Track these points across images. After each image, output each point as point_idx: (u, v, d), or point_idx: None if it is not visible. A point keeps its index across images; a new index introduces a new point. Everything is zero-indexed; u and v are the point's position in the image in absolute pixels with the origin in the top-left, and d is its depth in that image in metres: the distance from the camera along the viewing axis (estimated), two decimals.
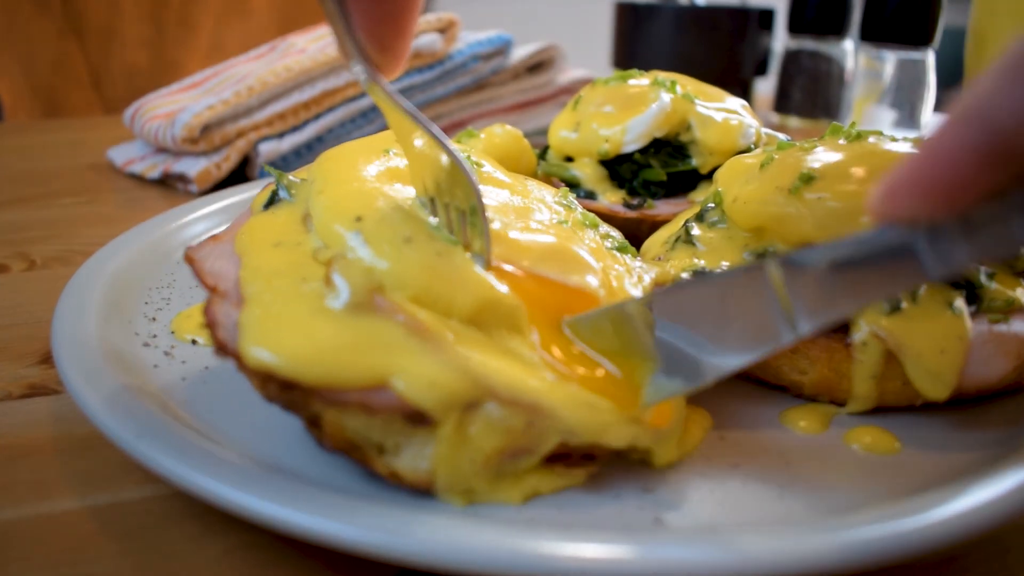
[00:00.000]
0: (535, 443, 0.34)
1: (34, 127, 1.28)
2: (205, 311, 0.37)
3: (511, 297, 0.38)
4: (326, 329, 0.34)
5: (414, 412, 0.32)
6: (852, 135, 0.49)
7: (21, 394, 0.47)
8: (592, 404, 0.36)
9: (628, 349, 0.38)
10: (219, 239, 0.43)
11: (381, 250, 0.37)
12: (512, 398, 0.34)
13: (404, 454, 0.34)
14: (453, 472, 0.34)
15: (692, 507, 0.36)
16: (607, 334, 0.38)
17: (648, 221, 0.65)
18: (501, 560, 0.29)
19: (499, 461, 0.34)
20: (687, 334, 0.36)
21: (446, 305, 0.36)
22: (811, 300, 0.32)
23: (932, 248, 0.30)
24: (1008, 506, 0.32)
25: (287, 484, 0.32)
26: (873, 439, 0.42)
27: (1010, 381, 0.43)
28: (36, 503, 0.37)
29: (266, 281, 0.37)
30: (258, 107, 0.91)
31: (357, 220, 0.38)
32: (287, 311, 0.35)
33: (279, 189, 0.45)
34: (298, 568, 0.33)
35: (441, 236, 0.39)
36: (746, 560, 0.29)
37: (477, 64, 1.03)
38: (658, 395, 0.37)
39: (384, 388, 0.33)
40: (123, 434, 0.35)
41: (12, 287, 0.63)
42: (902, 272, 0.31)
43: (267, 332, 0.34)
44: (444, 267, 0.37)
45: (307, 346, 0.33)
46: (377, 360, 0.33)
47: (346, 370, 0.33)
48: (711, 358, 0.35)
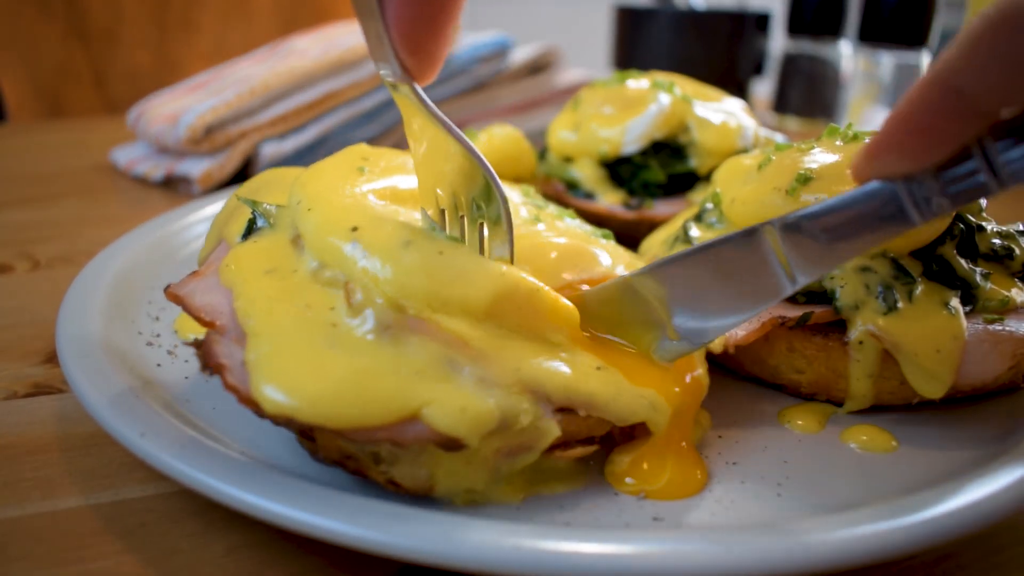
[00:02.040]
0: (534, 439, 0.34)
1: (38, 128, 1.28)
2: (204, 352, 0.35)
3: (527, 281, 0.36)
4: (345, 363, 0.32)
5: (448, 441, 0.31)
6: (849, 136, 0.49)
7: (26, 393, 0.47)
8: (637, 392, 0.37)
9: (635, 318, 0.40)
10: (201, 274, 0.41)
11: (382, 257, 0.36)
12: (568, 400, 0.35)
13: (401, 462, 0.34)
14: (452, 476, 0.34)
15: (690, 505, 0.36)
16: (614, 306, 0.40)
17: (647, 221, 0.65)
18: (502, 557, 0.29)
19: (497, 460, 0.34)
20: (690, 297, 0.39)
21: (460, 303, 0.35)
22: (807, 254, 0.35)
23: (912, 198, 0.33)
24: (1002, 504, 0.32)
25: (290, 482, 0.33)
26: (870, 438, 0.42)
27: (1005, 380, 0.44)
28: (40, 501, 0.37)
29: (266, 311, 0.35)
30: (261, 108, 0.91)
31: (353, 230, 0.37)
32: (297, 345, 0.33)
33: (256, 217, 0.43)
34: (300, 565, 0.34)
35: (442, 237, 0.38)
36: (744, 557, 0.29)
37: (477, 66, 1.04)
38: (668, 355, 0.39)
39: (414, 421, 0.31)
40: (127, 432, 0.35)
41: (16, 287, 0.64)
42: (889, 221, 0.34)
43: (280, 371, 0.32)
44: (448, 264, 0.36)
45: (327, 385, 0.31)
46: (403, 393, 0.32)
47: (372, 408, 0.31)
48: (715, 316, 0.38)
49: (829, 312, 0.44)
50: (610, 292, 0.40)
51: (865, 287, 0.43)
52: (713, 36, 1.18)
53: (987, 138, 0.32)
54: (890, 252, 0.44)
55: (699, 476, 0.38)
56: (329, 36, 1.05)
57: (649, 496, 0.37)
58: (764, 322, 0.44)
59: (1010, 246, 0.46)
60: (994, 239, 0.47)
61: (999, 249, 0.46)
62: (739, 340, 0.44)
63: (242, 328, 0.35)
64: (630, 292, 0.40)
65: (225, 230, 0.45)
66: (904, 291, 0.43)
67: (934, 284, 0.44)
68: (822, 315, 0.44)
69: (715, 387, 0.48)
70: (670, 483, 0.37)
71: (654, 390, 0.38)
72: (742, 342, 0.44)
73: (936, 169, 0.33)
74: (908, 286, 0.43)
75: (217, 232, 0.47)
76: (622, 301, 0.40)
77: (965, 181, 0.32)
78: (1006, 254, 0.46)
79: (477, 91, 1.06)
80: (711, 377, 0.49)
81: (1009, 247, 0.46)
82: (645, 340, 0.40)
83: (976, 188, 0.32)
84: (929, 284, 0.44)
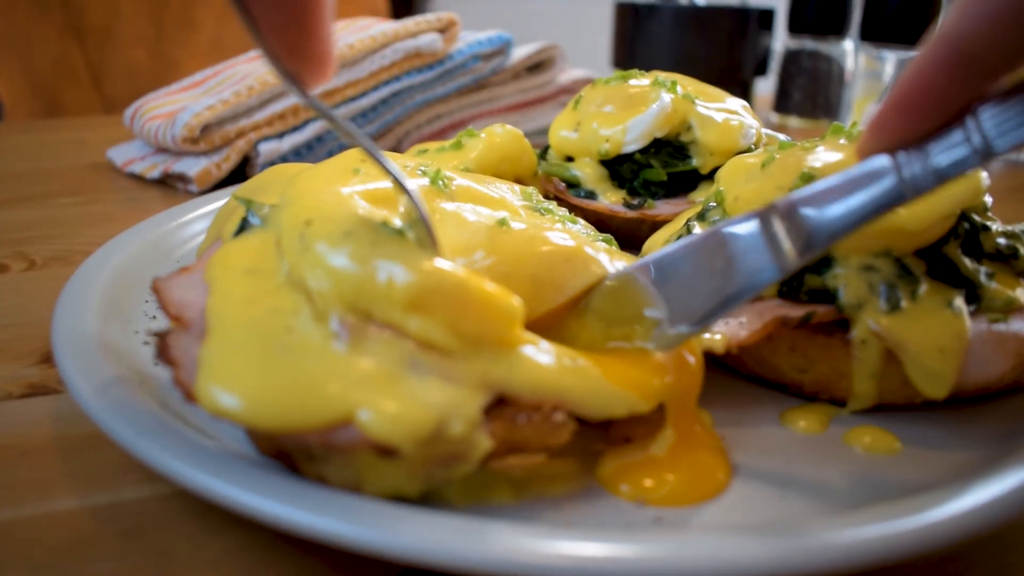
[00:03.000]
0: (466, 450, 0.33)
1: (34, 127, 1.28)
2: (161, 345, 0.35)
3: (454, 274, 0.35)
4: (287, 367, 0.32)
5: (380, 447, 0.31)
6: (853, 135, 0.49)
7: (21, 394, 0.47)
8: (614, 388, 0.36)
9: (634, 308, 0.40)
10: (189, 269, 0.41)
11: (321, 247, 0.35)
12: (537, 398, 0.34)
13: (332, 462, 0.33)
14: (381, 479, 0.33)
15: (691, 506, 0.36)
16: (616, 299, 0.40)
17: (648, 221, 0.65)
18: (502, 559, 0.29)
19: (428, 468, 0.33)
20: (686, 285, 0.39)
21: (385, 296, 0.34)
22: (803, 233, 0.36)
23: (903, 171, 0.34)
24: (1008, 506, 0.32)
25: (290, 483, 0.32)
26: (873, 439, 0.42)
27: (1009, 380, 0.43)
28: (36, 502, 0.37)
29: (231, 311, 0.35)
30: (258, 107, 0.91)
31: (307, 224, 0.37)
32: (248, 346, 0.33)
33: (249, 216, 0.43)
34: (299, 567, 0.33)
35: (386, 230, 0.37)
36: (746, 560, 0.29)
37: (477, 64, 1.03)
38: (666, 344, 0.39)
39: (348, 425, 0.31)
40: (124, 433, 0.35)
41: (12, 287, 0.63)
42: (881, 195, 0.35)
43: (223, 371, 0.33)
44: (378, 254, 0.35)
45: (263, 388, 0.32)
46: (338, 399, 0.31)
47: (305, 413, 0.31)
48: (714, 299, 0.38)
49: (832, 311, 0.44)
50: (606, 288, 0.41)
51: (868, 286, 0.43)
52: (716, 33, 1.17)
53: (983, 105, 0.32)
54: (893, 251, 0.44)
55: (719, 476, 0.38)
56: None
57: (652, 503, 0.36)
58: (766, 321, 0.44)
59: (1015, 246, 0.46)
60: (999, 238, 0.46)
61: (1004, 248, 0.46)
62: (741, 340, 0.43)
63: (206, 326, 0.35)
64: (624, 286, 0.40)
65: (222, 227, 0.45)
66: (908, 290, 0.43)
67: (938, 283, 0.43)
68: (825, 314, 0.44)
69: (717, 387, 0.47)
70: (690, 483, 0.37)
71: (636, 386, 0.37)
72: (744, 342, 0.43)
73: (930, 138, 0.33)
74: (912, 285, 0.43)
75: (216, 229, 0.47)
76: (616, 295, 0.40)
77: (955, 149, 0.33)
78: (1011, 254, 0.46)
79: (477, 89, 1.06)
80: (713, 377, 0.49)
81: (1014, 247, 0.46)
82: (640, 332, 0.40)
83: (964, 157, 0.32)
84: (933, 283, 0.43)
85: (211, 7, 1.47)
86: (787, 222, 0.36)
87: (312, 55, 0.35)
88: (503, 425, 0.34)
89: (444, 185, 0.46)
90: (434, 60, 1.00)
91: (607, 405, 0.36)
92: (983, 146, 0.32)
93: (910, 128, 0.34)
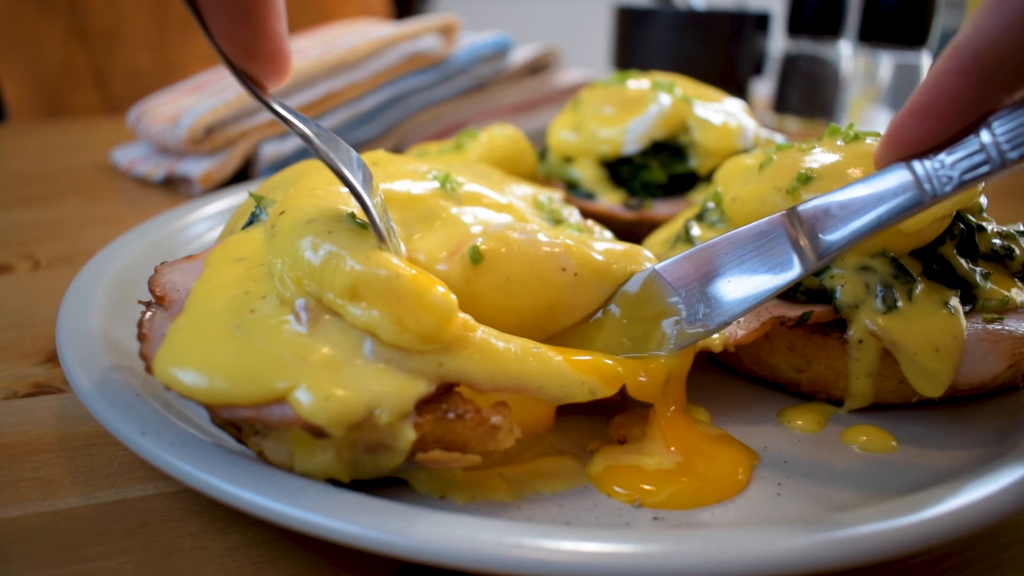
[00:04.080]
0: (391, 439, 0.33)
1: (39, 128, 1.28)
2: (139, 322, 0.37)
3: (392, 266, 0.35)
4: (236, 344, 0.34)
5: (309, 427, 0.32)
6: (850, 136, 0.49)
7: (26, 392, 0.47)
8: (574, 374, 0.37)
9: (653, 306, 0.41)
10: (194, 257, 0.43)
11: (284, 234, 0.36)
12: (494, 385, 0.35)
13: (270, 438, 0.34)
14: (309, 459, 0.34)
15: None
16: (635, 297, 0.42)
17: (647, 222, 0.65)
18: (503, 556, 0.29)
19: (354, 454, 0.34)
20: (704, 283, 0.40)
21: (330, 282, 0.35)
22: (822, 235, 0.37)
23: (922, 176, 0.35)
24: (1003, 503, 0.32)
25: (292, 481, 0.33)
26: (869, 438, 0.42)
27: (1004, 380, 0.44)
28: (41, 500, 0.37)
29: (207, 293, 0.37)
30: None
31: (280, 213, 0.38)
32: (209, 324, 0.35)
33: (258, 210, 0.44)
34: (302, 565, 0.34)
35: (350, 223, 0.37)
36: (743, 557, 0.29)
37: (478, 66, 1.04)
38: (684, 341, 0.40)
39: (282, 403, 0.32)
40: (127, 431, 0.35)
41: (17, 287, 0.64)
42: (901, 200, 0.35)
43: (179, 345, 0.34)
44: (332, 242, 0.35)
45: (209, 362, 0.33)
46: (274, 376, 0.32)
47: (241, 388, 0.32)
48: (730, 298, 0.39)
49: (829, 311, 0.44)
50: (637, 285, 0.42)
51: (865, 286, 0.43)
52: (713, 36, 1.18)
53: (997, 116, 0.33)
54: (890, 251, 0.44)
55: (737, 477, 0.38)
56: (329, 36, 1.05)
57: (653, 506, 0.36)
58: (764, 321, 0.44)
59: (1010, 246, 0.47)
60: (994, 239, 0.47)
61: (999, 249, 0.46)
62: (739, 339, 0.44)
63: (184, 306, 0.37)
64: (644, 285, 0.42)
65: (236, 222, 0.46)
66: (904, 290, 0.43)
67: (934, 283, 0.44)
68: (822, 314, 0.44)
69: (715, 386, 0.48)
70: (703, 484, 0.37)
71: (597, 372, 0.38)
72: (742, 341, 0.44)
73: (946, 146, 0.34)
74: (908, 285, 0.43)
75: (231, 224, 0.48)
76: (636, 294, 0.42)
77: (970, 158, 0.33)
78: (1006, 254, 0.46)
79: (477, 91, 1.06)
80: (710, 376, 0.49)
81: (1009, 247, 0.47)
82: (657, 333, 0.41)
83: (979, 166, 0.33)
84: (929, 283, 0.44)
85: None
86: (807, 222, 0.37)
87: (264, 54, 0.35)
88: (433, 420, 0.34)
89: (452, 189, 0.47)
90: (435, 62, 1.01)
91: (567, 389, 0.37)
92: (998, 155, 0.33)
93: (927, 136, 0.34)
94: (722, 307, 0.39)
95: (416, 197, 0.44)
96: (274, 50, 0.35)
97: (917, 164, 0.35)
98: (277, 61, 0.35)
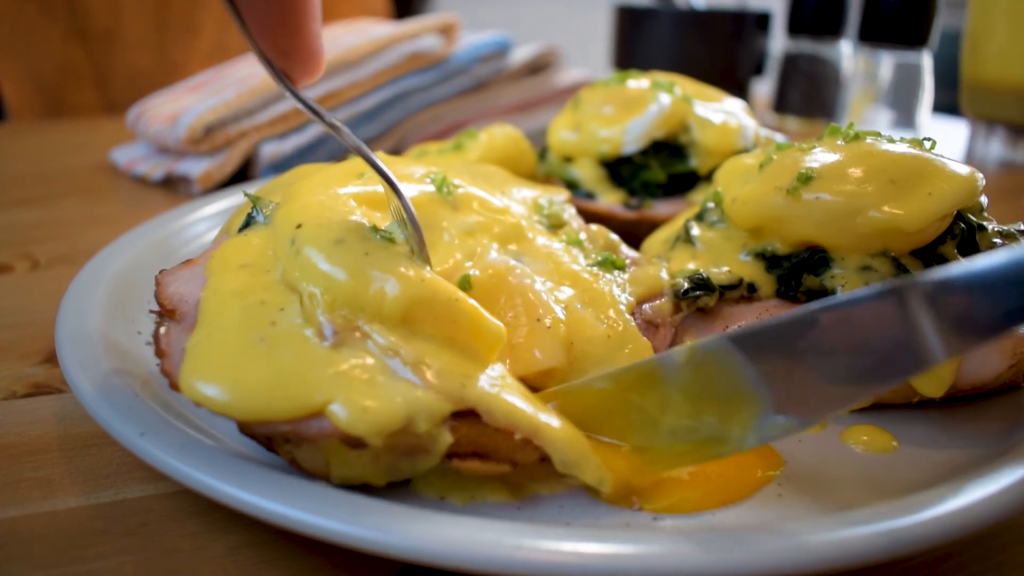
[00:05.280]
0: (429, 443, 0.34)
1: (38, 128, 1.28)
2: (154, 337, 0.37)
3: (447, 288, 0.35)
4: (265, 359, 0.33)
5: (349, 439, 0.32)
6: (851, 136, 0.49)
7: (25, 393, 0.47)
8: (581, 444, 0.35)
9: (728, 392, 0.34)
10: (192, 262, 0.42)
11: (313, 254, 0.36)
12: (510, 423, 0.34)
13: (304, 447, 0.34)
14: (346, 466, 0.34)
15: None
16: (702, 373, 0.35)
17: (647, 221, 0.65)
18: (503, 557, 0.29)
19: (393, 459, 0.34)
20: (797, 368, 0.33)
21: (377, 306, 0.35)
22: (960, 321, 0.30)
23: None
24: (1003, 504, 0.32)
25: (291, 481, 0.33)
26: (870, 438, 0.42)
27: (1005, 379, 0.44)
28: (40, 501, 0.37)
29: (221, 303, 0.36)
30: (260, 108, 0.91)
31: (297, 227, 0.38)
32: (231, 338, 0.34)
33: (255, 212, 0.44)
34: (301, 565, 0.34)
35: (376, 238, 0.37)
36: (744, 558, 0.29)
37: (477, 65, 1.04)
38: (771, 434, 0.34)
39: (319, 417, 0.32)
40: (127, 432, 0.35)
41: (16, 287, 0.64)
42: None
43: (205, 360, 0.34)
44: (371, 264, 0.36)
45: (240, 378, 0.33)
46: (311, 391, 0.32)
47: (277, 404, 0.32)
48: (830, 391, 0.32)
49: None
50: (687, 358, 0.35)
51: (866, 286, 0.43)
52: (713, 36, 1.18)
53: None
54: (891, 251, 0.44)
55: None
56: (329, 36, 1.05)
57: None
58: None
59: (1011, 246, 0.46)
60: (995, 238, 0.47)
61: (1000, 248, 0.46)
62: None
63: (198, 317, 0.36)
64: (713, 358, 0.34)
65: (231, 224, 0.46)
66: None
67: None
68: None
69: None
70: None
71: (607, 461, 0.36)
72: None
73: None
74: None
75: (227, 225, 0.47)
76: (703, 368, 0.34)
77: None
78: None
79: (477, 91, 1.06)
80: None
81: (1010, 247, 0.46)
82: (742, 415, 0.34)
83: None
84: None
85: (214, 10, 1.48)
86: (941, 305, 0.30)
87: (300, 54, 0.36)
88: (469, 425, 0.34)
89: (448, 192, 0.46)
90: (435, 62, 1.01)
91: (577, 461, 0.35)
92: None
93: None
94: (820, 398, 0.32)
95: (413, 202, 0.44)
96: (310, 49, 0.36)
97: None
98: (311, 60, 0.36)
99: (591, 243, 0.51)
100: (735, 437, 0.34)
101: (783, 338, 0.33)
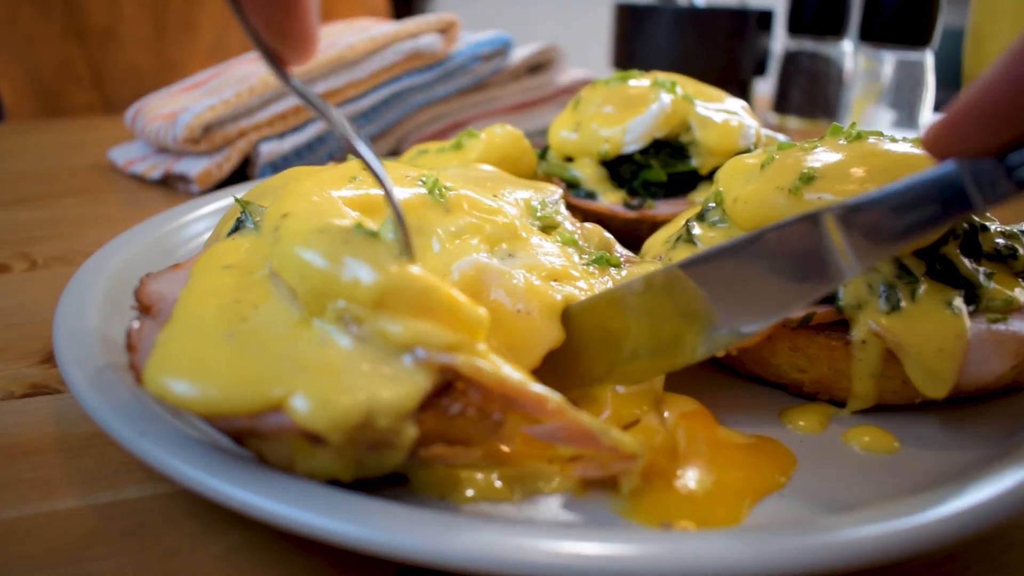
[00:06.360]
0: (392, 438, 0.33)
1: (36, 127, 1.28)
2: (127, 334, 0.37)
3: (422, 278, 0.35)
4: (228, 353, 0.33)
5: (307, 434, 0.32)
6: (852, 135, 0.49)
7: (23, 393, 0.47)
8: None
9: (680, 312, 0.39)
10: (180, 266, 0.42)
11: (293, 241, 0.36)
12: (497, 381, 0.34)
13: (268, 440, 0.34)
14: (310, 460, 0.33)
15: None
16: (662, 296, 0.40)
17: (648, 221, 0.65)
18: (503, 558, 0.29)
19: (355, 453, 0.33)
20: (736, 287, 0.38)
21: (349, 292, 0.34)
22: (867, 239, 0.35)
23: (976, 181, 0.33)
24: (1007, 505, 0.32)
25: (290, 482, 0.32)
26: (872, 439, 0.42)
27: (1008, 380, 0.44)
28: (38, 501, 0.37)
29: (196, 301, 0.36)
30: (259, 107, 0.91)
31: (283, 216, 0.37)
32: (199, 333, 0.34)
33: (243, 216, 0.43)
34: (300, 566, 0.34)
35: (361, 233, 0.37)
36: (744, 558, 0.29)
37: (477, 64, 1.04)
38: (717, 345, 0.39)
39: (278, 411, 0.32)
40: (125, 432, 0.35)
41: (14, 287, 0.63)
42: (951, 204, 0.33)
43: (169, 355, 0.34)
44: (348, 252, 0.35)
45: (200, 373, 0.32)
46: (269, 386, 0.32)
47: (235, 398, 0.32)
48: (764, 306, 0.37)
49: (832, 312, 0.44)
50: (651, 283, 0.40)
51: (868, 286, 0.43)
52: (715, 34, 1.18)
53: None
54: None
55: None
56: (328, 35, 1.04)
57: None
58: None
59: (1014, 246, 0.46)
60: (998, 239, 0.46)
61: (1003, 249, 0.46)
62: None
63: (171, 314, 0.36)
64: (672, 283, 0.39)
65: (221, 228, 0.45)
66: (907, 290, 0.43)
67: (937, 283, 0.44)
68: (825, 315, 0.44)
69: (715, 387, 0.47)
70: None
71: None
72: (745, 343, 0.43)
73: (1003, 151, 0.32)
74: (911, 285, 0.43)
75: (218, 229, 0.47)
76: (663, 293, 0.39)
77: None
78: (1010, 254, 0.46)
79: (477, 90, 1.06)
80: (712, 377, 0.49)
81: (1013, 247, 0.46)
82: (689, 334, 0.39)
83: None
84: (932, 283, 0.43)
85: (212, 9, 1.48)
86: (850, 225, 0.35)
87: (294, 34, 0.35)
88: (435, 416, 0.34)
89: (440, 194, 0.46)
90: (434, 61, 1.00)
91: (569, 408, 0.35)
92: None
93: (988, 134, 0.32)
94: (752, 315, 0.37)
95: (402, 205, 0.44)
96: (305, 29, 0.35)
97: (975, 163, 0.32)
98: (305, 41, 0.36)
99: (586, 241, 0.51)
100: (688, 349, 0.39)
101: (723, 263, 0.38)
